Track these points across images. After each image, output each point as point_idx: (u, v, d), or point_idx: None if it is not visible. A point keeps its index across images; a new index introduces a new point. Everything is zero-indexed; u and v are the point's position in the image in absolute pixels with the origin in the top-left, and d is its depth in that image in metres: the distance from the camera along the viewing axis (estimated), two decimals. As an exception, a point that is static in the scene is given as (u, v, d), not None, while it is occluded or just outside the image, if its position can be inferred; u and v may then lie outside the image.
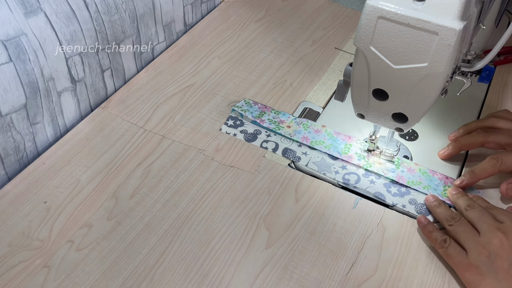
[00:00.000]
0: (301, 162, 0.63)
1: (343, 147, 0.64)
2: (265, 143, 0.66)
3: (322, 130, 0.67)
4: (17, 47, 0.57)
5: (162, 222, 0.57)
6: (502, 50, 0.77)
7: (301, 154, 0.64)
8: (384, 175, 0.61)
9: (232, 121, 0.69)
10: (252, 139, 0.66)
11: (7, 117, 0.59)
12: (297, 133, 0.66)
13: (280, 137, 0.67)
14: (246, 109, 0.70)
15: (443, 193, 0.59)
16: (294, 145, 0.65)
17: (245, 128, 0.68)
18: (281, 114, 0.70)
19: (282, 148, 0.65)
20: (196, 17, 0.89)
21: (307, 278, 0.52)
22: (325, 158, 0.64)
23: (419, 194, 0.60)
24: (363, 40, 0.47)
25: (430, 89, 0.48)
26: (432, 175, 0.61)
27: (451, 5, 0.42)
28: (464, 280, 0.50)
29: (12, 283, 0.51)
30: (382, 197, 0.59)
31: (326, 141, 0.65)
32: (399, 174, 0.61)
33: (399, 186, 0.60)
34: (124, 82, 0.76)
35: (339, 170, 0.62)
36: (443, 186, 0.60)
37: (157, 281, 0.52)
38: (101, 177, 0.62)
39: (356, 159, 0.63)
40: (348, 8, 0.93)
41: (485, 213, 0.52)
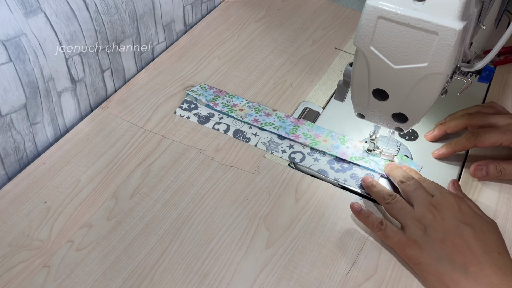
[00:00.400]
0: (250, 143, 0.66)
1: (291, 128, 0.67)
2: (217, 125, 0.68)
3: (272, 114, 0.70)
4: (17, 47, 0.57)
5: (162, 222, 0.57)
6: (502, 50, 0.78)
7: (251, 135, 0.67)
8: (328, 152, 0.64)
9: (186, 104, 0.71)
10: (205, 121, 0.69)
11: (7, 117, 0.59)
12: (249, 115, 0.69)
13: (232, 120, 0.69)
14: (201, 93, 0.72)
15: (383, 168, 0.62)
16: (245, 127, 0.68)
17: (199, 111, 0.70)
18: (234, 98, 0.72)
19: (233, 129, 0.68)
20: (196, 17, 0.89)
21: (307, 278, 0.52)
22: (273, 138, 0.66)
23: (361, 170, 0.62)
24: (363, 40, 0.47)
25: (430, 89, 0.48)
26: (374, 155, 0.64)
27: (451, 5, 0.42)
28: (405, 257, 0.52)
29: (12, 283, 0.51)
30: (325, 174, 0.62)
31: (275, 123, 0.68)
32: (342, 150, 0.64)
33: (342, 162, 0.63)
34: (124, 82, 0.76)
35: (286, 149, 0.65)
36: (384, 162, 0.63)
37: (157, 281, 0.52)
38: (101, 177, 0.62)
39: (303, 138, 0.66)
40: (348, 8, 0.93)
41: (418, 187, 0.54)
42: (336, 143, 0.65)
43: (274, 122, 0.68)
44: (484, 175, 0.60)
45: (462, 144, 0.61)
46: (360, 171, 0.62)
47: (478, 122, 0.62)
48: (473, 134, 0.60)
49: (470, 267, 0.47)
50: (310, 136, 0.66)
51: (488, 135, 0.59)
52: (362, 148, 0.64)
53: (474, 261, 0.47)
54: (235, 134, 0.67)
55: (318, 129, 0.67)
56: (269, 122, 0.68)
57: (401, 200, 0.54)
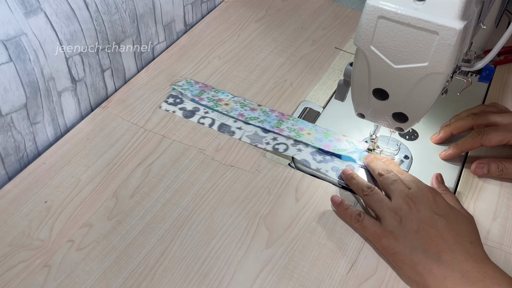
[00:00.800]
0: (235, 136, 0.66)
1: (275, 122, 0.68)
2: (202, 119, 0.69)
3: (257, 108, 0.70)
4: (17, 47, 0.57)
5: (162, 222, 0.57)
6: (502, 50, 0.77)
7: (236, 129, 0.67)
8: (312, 144, 0.65)
9: (172, 99, 0.72)
10: (190, 115, 0.69)
11: (7, 117, 0.59)
12: (234, 110, 0.70)
13: (217, 114, 0.70)
14: (187, 88, 0.73)
15: (364, 159, 0.63)
16: (230, 121, 0.69)
17: (184, 105, 0.71)
18: (220, 93, 0.73)
19: (218, 123, 0.68)
20: (196, 17, 0.89)
21: (307, 278, 0.52)
22: (258, 131, 0.67)
23: (342, 162, 0.63)
24: (363, 40, 0.47)
25: (430, 88, 0.48)
26: (357, 145, 0.65)
27: (452, 4, 0.42)
28: (380, 247, 0.53)
29: (12, 283, 0.51)
30: (308, 163, 0.63)
31: (260, 117, 0.69)
32: (326, 143, 0.65)
33: (325, 154, 0.64)
34: (124, 82, 0.76)
35: (270, 141, 0.66)
36: (365, 152, 0.64)
37: (157, 281, 0.52)
38: (101, 176, 0.62)
39: (287, 132, 0.66)
40: (348, 8, 0.93)
41: (396, 179, 0.56)
42: (320, 136, 0.66)
43: (259, 116, 0.69)
44: (485, 173, 0.61)
45: (469, 143, 0.61)
46: (341, 164, 0.63)
47: (483, 122, 0.62)
48: (479, 133, 0.60)
49: (443, 255, 0.48)
50: (294, 129, 0.67)
51: (495, 133, 0.59)
52: (345, 140, 0.65)
53: (447, 249, 0.49)
54: (220, 128, 0.68)
55: (302, 123, 0.68)
56: (254, 116, 0.69)
57: (379, 193, 0.56)
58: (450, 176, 0.62)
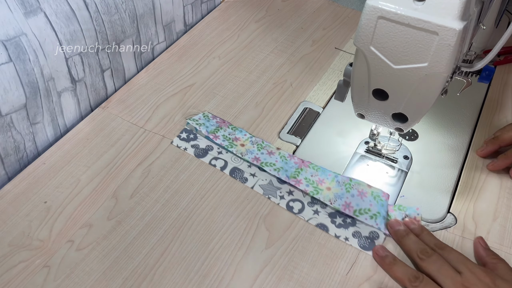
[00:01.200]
0: (247, 184, 0.60)
1: (293, 171, 0.61)
2: (215, 160, 0.63)
3: (275, 152, 0.63)
4: (17, 47, 0.57)
5: (162, 222, 0.57)
6: (502, 50, 0.77)
7: (249, 175, 0.61)
8: (330, 204, 0.58)
9: (185, 134, 0.66)
10: (202, 155, 0.64)
11: (7, 117, 0.59)
12: (249, 152, 0.63)
13: (231, 156, 0.64)
14: (202, 122, 0.67)
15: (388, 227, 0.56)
16: (244, 165, 0.63)
17: (197, 142, 0.65)
18: (237, 131, 0.66)
19: (231, 167, 0.62)
20: (196, 17, 0.89)
21: (307, 278, 0.52)
22: (273, 181, 0.61)
23: (366, 226, 0.56)
24: (363, 40, 0.47)
25: (430, 89, 0.48)
26: (384, 199, 0.57)
27: (451, 5, 0.42)
28: None
29: (12, 283, 0.51)
30: (325, 229, 0.56)
31: (277, 163, 0.62)
32: (347, 200, 0.57)
33: (345, 216, 0.57)
34: (124, 82, 0.76)
35: (284, 195, 0.59)
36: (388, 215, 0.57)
37: (157, 281, 0.52)
38: (101, 177, 0.62)
39: (304, 185, 0.59)
40: (348, 8, 0.93)
41: (443, 264, 0.49)
42: (341, 191, 0.58)
43: (275, 162, 0.62)
44: (484, 149, 0.62)
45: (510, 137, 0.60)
46: (364, 228, 0.56)
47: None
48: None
49: None
50: (313, 182, 0.60)
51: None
52: (370, 194, 0.57)
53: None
54: (232, 172, 0.62)
55: (323, 173, 0.61)
56: (271, 162, 0.62)
57: (430, 283, 0.48)
58: (450, 176, 0.62)
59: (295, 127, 0.69)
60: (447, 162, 0.64)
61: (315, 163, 0.64)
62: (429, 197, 0.60)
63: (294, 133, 0.68)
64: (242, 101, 0.73)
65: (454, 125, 0.69)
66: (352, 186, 0.58)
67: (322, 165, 0.63)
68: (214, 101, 0.73)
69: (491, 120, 0.70)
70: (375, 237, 0.55)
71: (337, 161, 0.64)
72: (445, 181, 0.62)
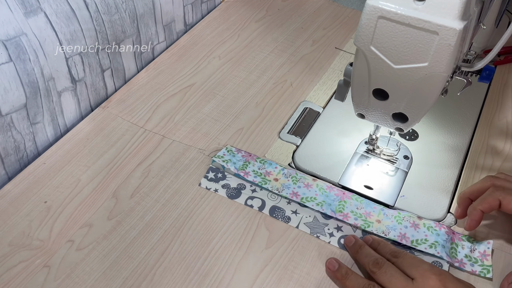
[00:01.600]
0: (291, 223, 0.57)
1: (337, 204, 0.58)
2: (250, 200, 0.59)
3: (313, 185, 0.60)
4: (17, 47, 0.57)
5: (162, 222, 0.57)
6: (502, 50, 0.78)
7: (291, 213, 0.58)
8: (385, 236, 0.55)
9: (212, 173, 0.62)
10: (235, 195, 0.59)
11: (7, 117, 0.59)
12: (286, 187, 0.60)
13: (267, 192, 0.60)
14: (228, 159, 0.63)
15: (450, 252, 0.53)
16: (282, 201, 0.59)
17: (227, 182, 0.61)
18: (267, 164, 0.62)
19: (270, 206, 0.58)
20: (196, 17, 0.89)
21: (307, 278, 0.52)
22: (317, 217, 0.57)
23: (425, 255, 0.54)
24: (363, 40, 0.47)
25: (430, 89, 0.48)
26: (439, 229, 0.55)
27: (452, 5, 0.42)
28: None
29: (12, 283, 0.51)
30: None
31: (318, 197, 0.59)
32: (401, 232, 0.55)
33: (402, 246, 0.55)
34: (124, 82, 0.76)
35: (334, 232, 0.56)
36: (450, 243, 0.54)
37: (157, 281, 0.52)
38: (101, 177, 0.62)
39: (353, 219, 0.57)
40: (348, 8, 0.93)
41: (394, 273, 0.48)
42: (392, 223, 0.56)
43: (316, 196, 0.58)
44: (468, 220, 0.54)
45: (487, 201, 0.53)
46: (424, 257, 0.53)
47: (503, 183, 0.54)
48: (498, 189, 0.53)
49: None
50: (361, 215, 0.57)
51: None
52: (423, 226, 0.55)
53: None
54: (272, 212, 0.58)
55: (367, 205, 0.58)
56: (311, 196, 0.58)
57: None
58: (450, 177, 0.62)
59: (295, 127, 0.69)
60: (447, 162, 0.64)
61: (315, 162, 0.64)
62: (429, 197, 0.60)
63: (294, 133, 0.68)
64: (242, 101, 0.73)
65: (454, 125, 0.69)
66: (402, 219, 0.56)
67: (322, 166, 0.63)
68: (214, 101, 0.73)
69: (491, 120, 0.70)
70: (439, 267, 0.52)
71: (337, 161, 0.64)
72: (445, 181, 0.62)
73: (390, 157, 0.64)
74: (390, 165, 0.63)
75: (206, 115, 0.70)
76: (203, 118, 0.70)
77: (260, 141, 0.67)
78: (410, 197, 0.60)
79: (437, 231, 0.55)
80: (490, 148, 0.66)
